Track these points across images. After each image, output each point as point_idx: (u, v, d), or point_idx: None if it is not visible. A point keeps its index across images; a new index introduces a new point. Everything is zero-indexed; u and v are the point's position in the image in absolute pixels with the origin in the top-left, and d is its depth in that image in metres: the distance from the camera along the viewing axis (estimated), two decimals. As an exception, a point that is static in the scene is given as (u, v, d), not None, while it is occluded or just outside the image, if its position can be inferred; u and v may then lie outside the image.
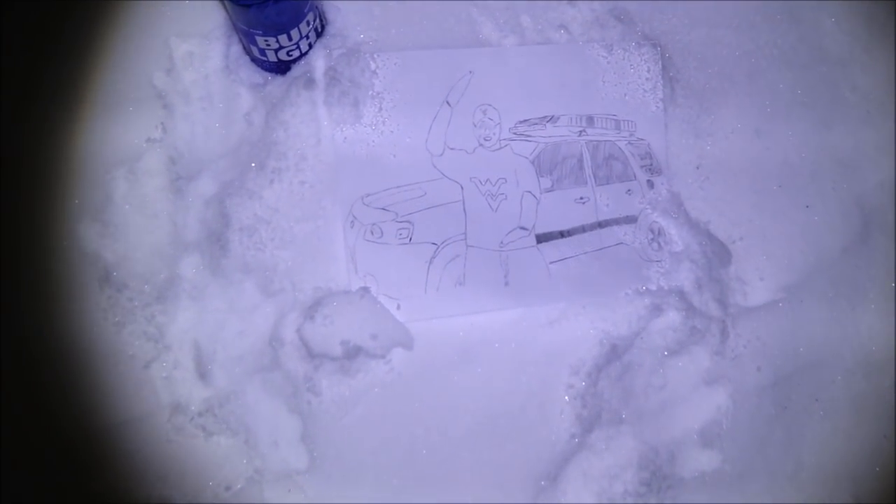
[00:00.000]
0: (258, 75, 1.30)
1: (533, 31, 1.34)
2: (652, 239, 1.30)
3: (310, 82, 1.25)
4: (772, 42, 1.40)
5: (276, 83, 1.28)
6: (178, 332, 1.24)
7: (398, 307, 1.25)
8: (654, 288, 1.33)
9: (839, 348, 1.39)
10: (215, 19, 1.29)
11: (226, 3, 1.13)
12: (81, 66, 1.27)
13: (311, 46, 1.28)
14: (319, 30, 1.28)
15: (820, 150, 1.40)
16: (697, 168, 1.34)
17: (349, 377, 1.21)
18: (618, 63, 1.33)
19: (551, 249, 1.32)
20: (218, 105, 1.30)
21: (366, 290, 1.21)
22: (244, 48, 1.27)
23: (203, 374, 1.24)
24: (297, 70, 1.28)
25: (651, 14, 1.36)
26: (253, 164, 1.26)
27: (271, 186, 1.23)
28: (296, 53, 1.27)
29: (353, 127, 1.27)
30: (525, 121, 1.29)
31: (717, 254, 1.36)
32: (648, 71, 1.33)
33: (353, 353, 1.16)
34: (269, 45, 1.22)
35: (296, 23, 1.20)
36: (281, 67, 1.28)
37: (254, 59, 1.29)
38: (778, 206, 1.40)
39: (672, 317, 1.30)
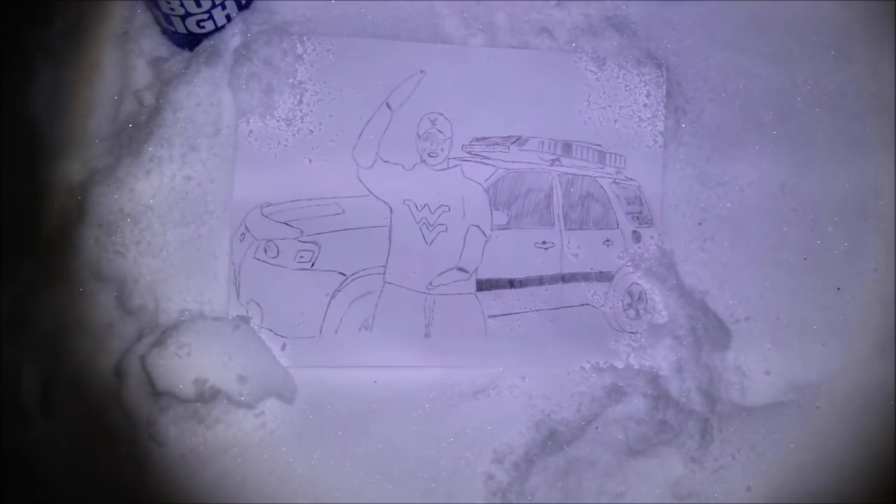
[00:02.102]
0: (164, 48, 1.22)
1: (507, 32, 1.25)
2: (629, 304, 1.17)
3: (213, 58, 1.12)
4: (812, 80, 1.29)
5: (180, 59, 1.19)
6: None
7: (283, 347, 1.15)
8: (620, 365, 1.21)
9: (862, 474, 1.24)
10: (118, -26, 1.14)
11: None
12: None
13: (229, 19, 1.19)
14: (244, 1, 1.18)
15: (862, 220, 1.25)
16: (700, 224, 1.22)
17: (205, 427, 1.10)
18: (610, 81, 1.22)
19: (493, 301, 1.20)
20: (108, 78, 1.22)
21: (244, 320, 1.08)
22: (153, 17, 1.19)
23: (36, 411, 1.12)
24: (205, 44, 1.16)
25: (660, 28, 1.27)
26: (133, 150, 1.10)
27: (147, 178, 1.14)
28: (209, 26, 1.18)
29: (262, 119, 1.17)
30: (483, 139, 1.19)
31: (711, 334, 1.24)
32: (648, 96, 1.20)
33: (209, 396, 1.03)
34: (173, 9, 1.14)
35: None
36: (192, 42, 1.20)
37: (164, 31, 1.20)
38: (800, 284, 1.28)
39: (637, 404, 1.17)
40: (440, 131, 1.19)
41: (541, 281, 1.19)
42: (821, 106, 1.29)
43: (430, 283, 1.15)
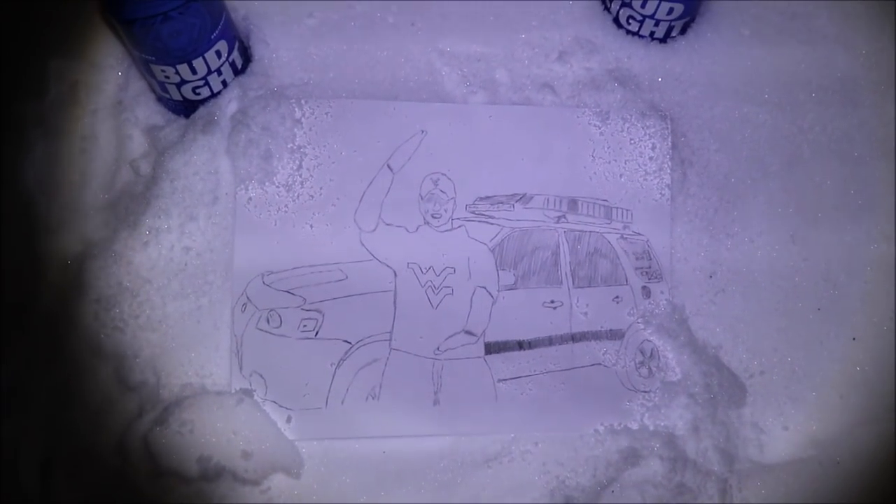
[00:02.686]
0: (159, 116, 1.21)
1: (509, 88, 1.23)
2: (641, 363, 1.13)
3: (210, 125, 1.08)
4: (820, 126, 1.27)
5: (176, 126, 1.16)
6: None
7: (288, 420, 1.11)
8: (635, 426, 1.17)
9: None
10: (111, 45, 1.14)
11: (111, 19, 0.99)
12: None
13: (225, 85, 1.17)
14: (240, 66, 1.17)
15: (875, 267, 1.24)
16: (710, 277, 1.20)
17: None
18: (614, 135, 1.19)
19: (503, 364, 1.16)
20: (103, 148, 1.20)
21: (247, 393, 1.05)
22: (147, 84, 1.17)
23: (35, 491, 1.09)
24: (201, 111, 1.13)
25: (663, 79, 1.26)
26: (130, 222, 1.07)
27: (145, 250, 1.12)
28: (205, 92, 1.17)
29: (261, 186, 1.15)
30: (487, 198, 1.17)
31: (726, 389, 1.21)
32: (653, 148, 1.18)
33: (214, 474, 0.99)
34: (168, 77, 1.12)
35: (199, 51, 1.11)
36: (188, 109, 1.19)
37: (159, 99, 1.19)
38: (814, 335, 1.25)
39: (654, 467, 1.14)
40: (443, 192, 1.16)
41: (550, 341, 1.16)
42: (828, 152, 1.27)
43: (438, 348, 1.12)
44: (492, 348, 1.16)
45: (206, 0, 1.06)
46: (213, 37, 1.09)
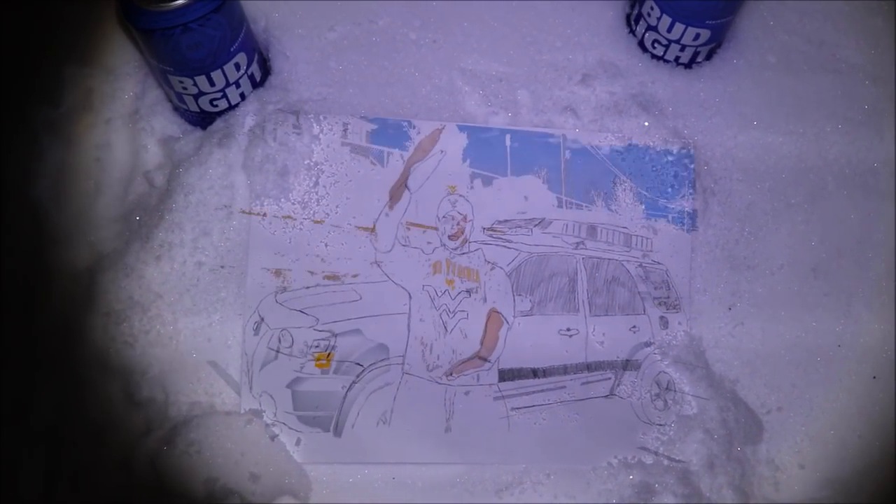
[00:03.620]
0: (175, 127, 1.20)
1: (531, 110, 1.23)
2: (657, 395, 1.12)
3: (226, 138, 1.08)
4: (845, 159, 1.25)
5: (192, 138, 1.14)
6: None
7: (297, 443, 1.09)
8: (649, 461, 1.15)
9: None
10: (128, 52, 1.13)
11: (130, 27, 1.00)
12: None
13: (243, 98, 1.16)
14: (258, 79, 1.16)
15: None
16: (730, 309, 1.19)
17: None
18: (636, 163, 1.18)
19: (517, 392, 1.15)
20: (117, 158, 1.18)
21: (256, 413, 1.04)
22: (164, 93, 1.16)
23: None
24: (218, 124, 1.11)
25: (687, 106, 1.24)
26: (142, 235, 1.05)
27: (157, 264, 1.10)
28: (222, 104, 1.15)
29: (277, 202, 1.14)
30: (505, 221, 1.13)
31: (743, 425, 1.19)
32: (675, 177, 1.15)
33: (221, 496, 0.99)
34: (185, 88, 1.11)
35: (218, 63, 1.09)
36: (204, 120, 1.17)
37: (176, 109, 1.18)
38: (833, 373, 1.24)
39: (668, 503, 1.03)
40: (460, 213, 1.15)
41: (565, 370, 1.15)
42: (852, 185, 1.25)
43: (451, 374, 1.10)
44: (505, 375, 1.14)
45: (227, 12, 1.03)
46: (232, 49, 1.07)
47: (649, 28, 1.20)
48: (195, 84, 1.09)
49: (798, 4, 1.28)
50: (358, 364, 1.10)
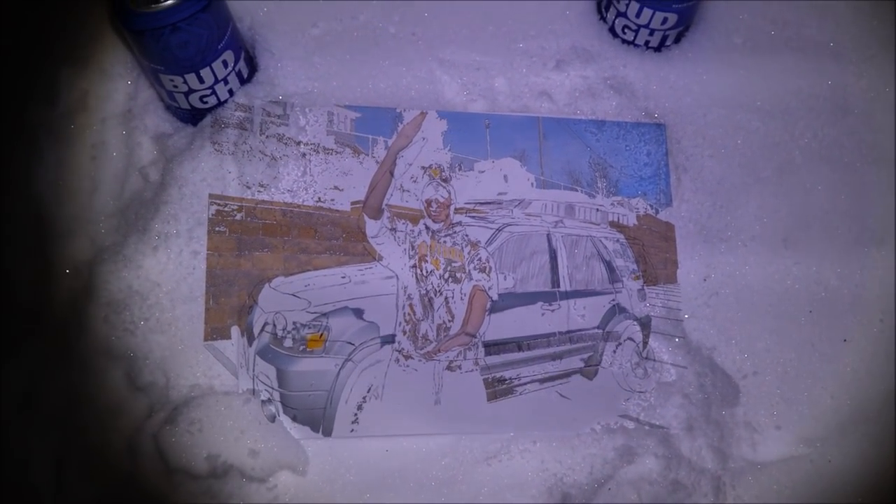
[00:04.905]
0: (168, 124, 1.23)
1: (507, 96, 1.26)
2: (637, 364, 1.15)
3: (217, 133, 1.13)
4: (811, 133, 1.30)
5: (184, 134, 1.18)
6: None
7: (294, 419, 1.13)
8: (630, 426, 1.19)
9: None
10: (120, 53, 1.17)
11: (121, 29, 1.04)
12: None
13: (231, 94, 1.20)
14: (245, 75, 1.19)
15: (866, 270, 1.25)
16: (704, 280, 1.22)
17: (218, 502, 1.03)
18: (610, 143, 1.23)
19: (502, 364, 1.18)
20: (112, 154, 1.20)
21: (254, 393, 1.06)
22: (156, 92, 1.20)
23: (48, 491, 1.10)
24: (208, 120, 1.17)
25: (658, 88, 1.29)
26: (139, 228, 1.09)
27: (155, 255, 1.14)
28: (212, 101, 1.19)
29: (267, 191, 1.14)
30: (487, 203, 1.17)
31: (720, 389, 1.23)
32: (648, 155, 1.20)
33: (222, 471, 1.03)
34: (176, 86, 1.14)
35: (206, 61, 1.13)
36: (195, 116, 1.21)
37: (168, 107, 1.22)
38: (805, 337, 1.28)
39: (650, 465, 1.16)
40: (443, 197, 1.19)
41: (548, 343, 1.19)
42: (819, 158, 1.30)
43: (438, 349, 1.14)
44: (491, 349, 1.17)
45: (214, 11, 1.08)
46: (219, 47, 1.11)
47: (619, 14, 1.25)
48: (185, 82, 1.13)
49: (761, -14, 1.32)
50: (349, 343, 1.15)
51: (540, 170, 1.24)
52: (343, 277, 1.17)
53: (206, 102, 1.17)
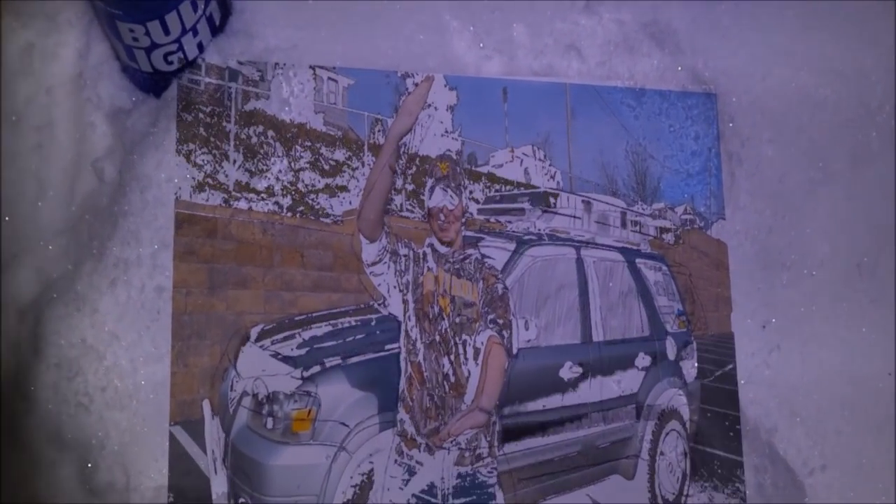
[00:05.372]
0: (125, 95, 1.28)
1: (529, 51, 1.33)
2: (683, 454, 1.16)
3: (185, 110, 1.14)
4: (891, 103, 1.24)
5: (145, 109, 1.23)
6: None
7: None
8: None
9: None
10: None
11: None
12: None
13: (201, 49, 1.33)
14: (217, 22, 1.38)
15: None
16: (763, 328, 1.21)
17: None
18: (651, 120, 1.19)
19: (522, 458, 1.05)
20: (60, 139, 1.14)
21: (230, 497, 1.08)
22: (112, 48, 1.35)
23: None
24: (174, 88, 1.23)
25: (707, 36, 1.28)
26: (94, 251, 1.19)
27: (112, 291, 1.17)
28: (178, 59, 1.28)
29: (245, 196, 1.07)
30: (502, 198, 1.14)
31: (781, 490, 1.07)
32: (697, 140, 1.20)
33: None
34: (136, 39, 1.26)
35: (172, 3, 1.27)
36: (158, 83, 1.34)
37: (125, 68, 1.40)
38: (883, 412, 1.07)
39: None
40: (452, 203, 1.16)
41: (579, 424, 1.17)
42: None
43: (449, 433, 1.06)
44: (510, 433, 1.19)
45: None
46: (187, -16, 1.70)
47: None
48: (147, 33, 1.25)
49: None
50: (343, 424, 1.23)
51: (568, 161, 1.28)
52: (334, 327, 1.18)
53: (171, 63, 1.32)
